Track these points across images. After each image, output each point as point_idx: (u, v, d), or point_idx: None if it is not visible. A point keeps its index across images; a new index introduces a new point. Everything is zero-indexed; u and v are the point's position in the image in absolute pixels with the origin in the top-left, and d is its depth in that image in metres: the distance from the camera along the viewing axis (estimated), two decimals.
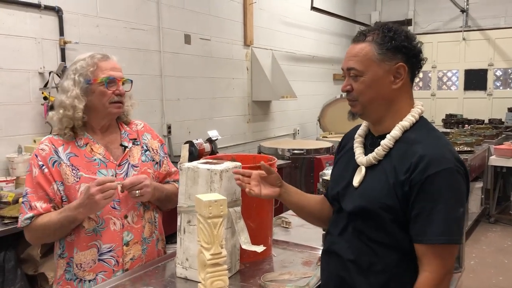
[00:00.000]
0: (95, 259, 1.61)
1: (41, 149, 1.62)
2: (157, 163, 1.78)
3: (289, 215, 2.38)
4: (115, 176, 1.64)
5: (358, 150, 1.39)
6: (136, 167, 1.70)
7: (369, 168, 1.34)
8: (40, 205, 1.58)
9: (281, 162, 4.21)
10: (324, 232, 1.96)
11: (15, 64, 2.89)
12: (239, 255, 1.62)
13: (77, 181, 1.59)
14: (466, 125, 6.45)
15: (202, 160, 1.63)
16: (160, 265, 1.68)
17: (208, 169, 1.50)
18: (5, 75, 2.85)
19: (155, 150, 1.79)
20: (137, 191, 1.59)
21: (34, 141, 2.91)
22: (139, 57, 3.74)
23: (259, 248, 1.45)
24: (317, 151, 4.50)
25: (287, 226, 2.22)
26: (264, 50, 5.34)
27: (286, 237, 2.00)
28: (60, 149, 1.62)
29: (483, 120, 6.68)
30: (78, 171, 1.59)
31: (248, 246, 1.47)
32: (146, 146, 1.78)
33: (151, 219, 1.74)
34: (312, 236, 2.10)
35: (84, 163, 1.61)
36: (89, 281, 1.61)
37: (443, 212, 1.20)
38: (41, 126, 3.00)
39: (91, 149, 1.65)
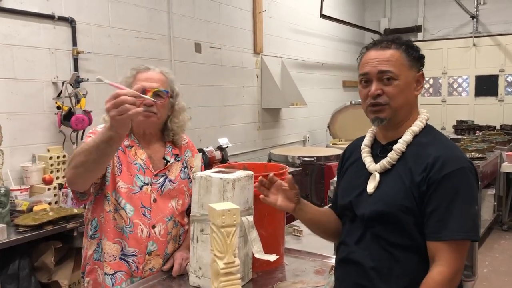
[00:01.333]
0: (117, 256, 1.66)
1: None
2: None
3: (300, 223, 2.38)
4: (150, 185, 1.70)
5: (367, 159, 1.42)
6: (174, 182, 1.76)
7: (383, 174, 1.36)
8: None
9: (291, 169, 4.21)
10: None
11: (29, 74, 2.94)
12: (251, 264, 1.63)
13: (119, 174, 1.66)
14: (478, 132, 6.40)
15: (214, 169, 1.64)
16: (167, 275, 1.68)
17: (221, 178, 1.51)
18: (19, 85, 2.90)
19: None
20: (187, 267, 1.65)
21: (48, 150, 2.95)
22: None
23: (272, 257, 1.46)
24: (328, 158, 4.49)
25: (298, 234, 2.22)
26: (274, 58, 5.36)
27: (298, 246, 2.00)
28: None
29: (495, 126, 6.63)
30: (121, 166, 1.67)
31: (261, 255, 1.48)
32: (186, 163, 1.84)
33: (176, 237, 1.77)
34: (324, 244, 2.09)
35: (126, 162, 1.69)
36: (109, 275, 1.65)
37: (460, 209, 1.25)
38: (54, 135, 3.04)
39: (135, 152, 1.72)
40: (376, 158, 1.40)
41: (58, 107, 3.00)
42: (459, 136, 6.04)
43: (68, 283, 2.49)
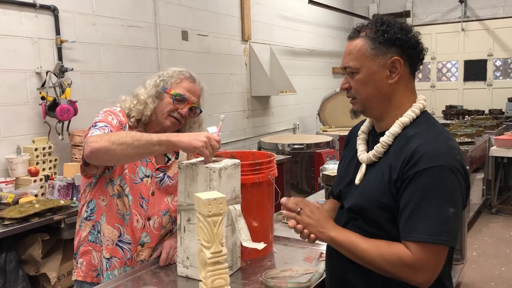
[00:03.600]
0: (114, 241, 1.66)
1: (119, 115, 1.66)
2: None
3: None
4: (151, 178, 1.71)
5: (360, 147, 1.38)
6: (172, 179, 1.75)
7: (370, 165, 1.32)
8: None
9: (281, 157, 4.20)
10: None
11: (11, 64, 2.88)
12: (240, 253, 1.62)
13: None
14: (466, 116, 6.43)
15: (201, 158, 1.62)
16: (158, 265, 1.67)
17: (207, 167, 1.48)
18: (2, 76, 2.84)
19: None
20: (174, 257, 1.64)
21: (33, 141, 2.91)
22: (136, 55, 3.72)
23: (260, 245, 1.44)
24: (318, 145, 4.49)
25: (287, 221, 2.21)
26: (263, 45, 5.32)
27: (287, 233, 1.98)
28: (126, 126, 1.67)
29: (483, 111, 6.66)
30: None
31: (249, 244, 1.46)
32: None
33: (170, 232, 1.78)
34: None
35: None
36: (106, 259, 1.67)
37: (429, 209, 1.16)
38: (39, 126, 2.99)
39: None
40: (369, 147, 1.36)
41: (43, 98, 2.95)
42: (448, 121, 6.06)
43: (57, 275, 2.47)
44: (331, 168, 3.10)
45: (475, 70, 7.05)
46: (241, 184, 1.58)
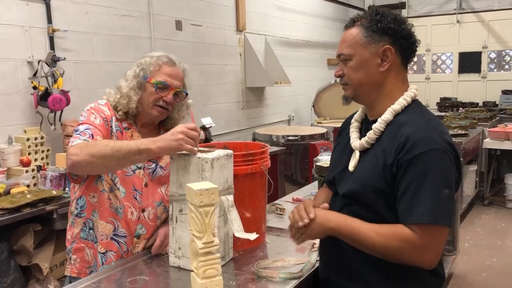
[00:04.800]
0: (109, 236, 1.65)
1: (103, 109, 1.65)
2: None
3: (283, 202, 2.38)
4: (143, 170, 1.69)
5: (353, 135, 1.42)
6: (165, 170, 1.74)
7: (363, 152, 1.36)
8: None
9: (275, 148, 4.20)
10: None
11: (2, 53, 2.84)
12: (232, 243, 1.61)
13: None
14: (461, 108, 6.44)
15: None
16: (153, 255, 1.66)
17: (199, 158, 1.47)
18: None
19: None
20: (167, 247, 1.62)
21: (25, 131, 2.88)
22: (129, 45, 3.69)
23: (252, 236, 1.44)
24: (312, 137, 4.49)
25: (281, 213, 2.21)
26: (257, 36, 5.28)
27: (280, 224, 1.99)
28: (113, 118, 1.67)
29: (477, 103, 6.68)
30: None
31: (241, 234, 1.46)
32: None
33: (165, 222, 1.76)
34: None
35: None
36: (101, 253, 1.66)
37: (427, 192, 1.20)
38: (31, 116, 2.96)
39: (131, 134, 1.69)
40: (362, 135, 1.40)
41: (34, 87, 2.92)
42: (443, 113, 6.07)
43: (49, 266, 2.46)
44: (325, 159, 3.09)
45: (469, 62, 7.05)
46: (234, 175, 1.58)
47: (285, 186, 4.16)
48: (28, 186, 2.63)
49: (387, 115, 1.32)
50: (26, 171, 2.71)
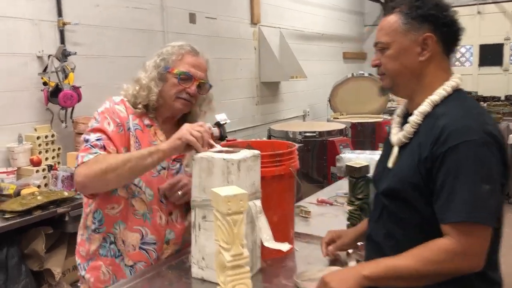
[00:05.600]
0: (136, 246, 1.53)
1: (119, 109, 1.54)
2: None
3: (307, 204, 2.24)
4: (167, 170, 1.57)
5: (394, 130, 1.34)
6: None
7: (402, 147, 1.28)
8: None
9: None
10: (348, 223, 1.83)
11: (11, 48, 2.73)
12: (260, 253, 1.47)
13: None
14: (482, 103, 6.22)
15: (216, 149, 1.47)
16: (173, 264, 1.53)
17: (224, 159, 1.33)
18: (1, 60, 2.68)
19: None
20: (178, 192, 1.52)
21: (35, 129, 2.76)
22: (142, 38, 3.56)
23: (285, 246, 1.30)
24: (330, 133, 4.32)
25: (306, 215, 2.07)
26: (272, 29, 5.13)
27: (306, 229, 1.84)
28: (131, 117, 1.54)
29: (499, 97, 6.45)
30: (140, 146, 1.51)
31: (272, 244, 1.32)
32: None
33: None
34: (334, 226, 1.93)
35: (146, 142, 1.54)
36: (129, 267, 1.54)
37: (464, 187, 1.11)
38: (41, 113, 2.84)
39: (155, 132, 1.58)
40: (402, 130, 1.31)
41: (45, 83, 2.80)
42: None
43: (62, 271, 2.34)
44: (348, 157, 2.94)
45: (491, 55, 6.83)
46: (261, 177, 1.44)
47: (302, 185, 4.01)
48: (38, 186, 2.52)
49: (424, 107, 1.23)
50: (37, 171, 2.60)
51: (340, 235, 1.51)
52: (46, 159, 2.72)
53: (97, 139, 1.47)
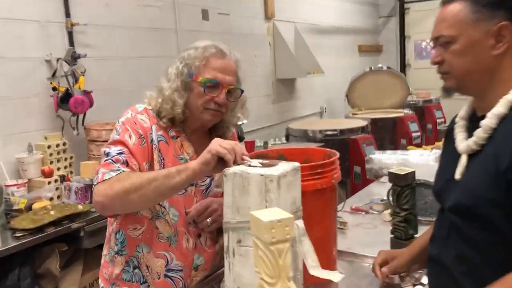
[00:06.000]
0: (161, 273, 1.37)
1: (141, 119, 1.38)
2: None
3: (342, 213, 2.05)
4: (195, 187, 1.40)
5: (459, 135, 1.14)
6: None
7: (472, 156, 1.08)
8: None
9: (312, 145, 3.87)
10: (392, 236, 1.65)
11: (18, 52, 2.57)
12: (302, 280, 1.29)
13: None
14: None
15: (248, 162, 1.28)
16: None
17: (261, 175, 1.15)
18: (8, 65, 2.53)
19: None
20: (207, 220, 1.36)
21: (46, 138, 2.61)
22: (154, 37, 3.38)
23: (336, 276, 1.13)
24: (351, 131, 4.13)
25: (342, 227, 1.89)
26: (287, 23, 4.92)
27: (346, 244, 1.67)
28: (154, 127, 1.39)
29: None
30: (164, 160, 1.37)
31: (319, 272, 1.15)
32: None
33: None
34: (375, 239, 1.77)
35: (171, 156, 1.39)
36: None
37: None
38: (52, 120, 2.69)
39: (181, 144, 1.42)
40: (470, 135, 1.12)
41: (54, 89, 2.64)
42: None
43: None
44: (378, 158, 2.76)
45: None
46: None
47: None
48: (51, 199, 2.37)
49: (500, 108, 1.05)
50: (49, 183, 2.44)
51: (394, 256, 1.33)
52: (58, 169, 2.57)
53: (119, 153, 1.31)
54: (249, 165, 1.22)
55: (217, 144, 1.22)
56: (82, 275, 2.27)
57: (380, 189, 2.44)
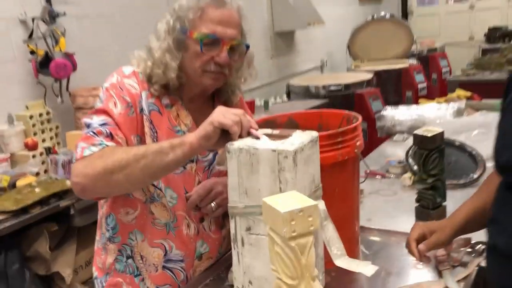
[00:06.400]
0: (159, 265, 1.19)
1: (129, 84, 1.16)
2: None
3: None
4: (195, 163, 1.20)
5: None
6: None
7: None
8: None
9: (315, 102, 3.66)
10: (417, 205, 1.47)
11: None
12: (324, 267, 1.11)
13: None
14: None
15: (255, 133, 1.07)
16: (208, 282, 1.18)
17: (274, 151, 0.95)
18: None
19: None
20: (212, 204, 1.17)
21: (27, 107, 2.39)
22: None
23: (368, 270, 0.94)
24: (357, 85, 3.89)
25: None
26: None
27: (364, 215, 1.45)
28: (144, 94, 1.17)
29: None
30: (157, 134, 1.16)
31: (346, 263, 0.96)
32: None
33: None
34: (397, 209, 1.59)
35: (165, 129, 1.17)
36: None
37: None
38: (32, 88, 2.46)
39: (178, 114, 1.20)
40: None
41: (32, 52, 2.39)
42: (495, 45, 5.35)
43: (72, 270, 2.03)
44: (391, 115, 2.54)
45: None
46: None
47: None
48: (37, 174, 2.17)
49: None
50: (33, 156, 2.24)
51: (433, 229, 1.11)
52: (43, 141, 2.35)
53: (102, 124, 1.11)
54: (257, 138, 1.01)
55: (221, 114, 1.00)
56: (77, 254, 2.11)
57: (394, 149, 2.25)
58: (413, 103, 4.38)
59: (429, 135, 1.42)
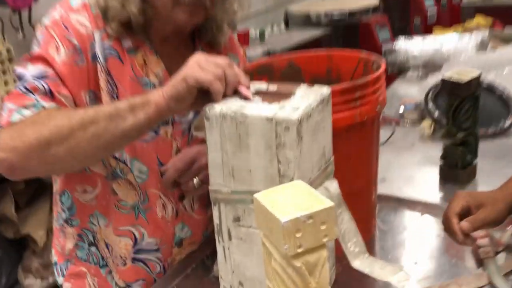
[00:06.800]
0: (127, 258, 0.97)
1: (77, 20, 0.88)
2: None
3: None
4: (171, 125, 0.93)
5: None
6: None
7: None
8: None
9: (315, 32, 3.33)
10: (442, 163, 1.23)
11: None
12: (334, 258, 0.88)
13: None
14: None
15: (244, 88, 0.78)
16: (190, 272, 0.96)
17: (271, 119, 0.67)
18: None
19: None
20: (194, 180, 0.91)
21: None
22: None
23: (397, 278, 0.70)
24: (363, 12, 3.51)
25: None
26: None
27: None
28: (98, 35, 0.88)
29: None
30: (115, 88, 0.89)
31: (367, 265, 0.73)
32: None
33: None
34: (417, 167, 1.35)
35: (128, 81, 0.90)
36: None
37: None
38: None
39: (144, 61, 0.92)
40: None
41: None
42: None
43: (46, 231, 1.82)
44: (403, 48, 2.21)
45: None
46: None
47: None
48: None
49: None
50: None
51: (481, 202, 0.84)
52: (6, 83, 2.06)
53: (38, 77, 0.83)
54: (247, 98, 0.73)
55: (197, 66, 0.73)
56: (51, 211, 1.89)
57: (408, 89, 1.97)
58: (421, 31, 4.04)
59: (464, 80, 1.14)
